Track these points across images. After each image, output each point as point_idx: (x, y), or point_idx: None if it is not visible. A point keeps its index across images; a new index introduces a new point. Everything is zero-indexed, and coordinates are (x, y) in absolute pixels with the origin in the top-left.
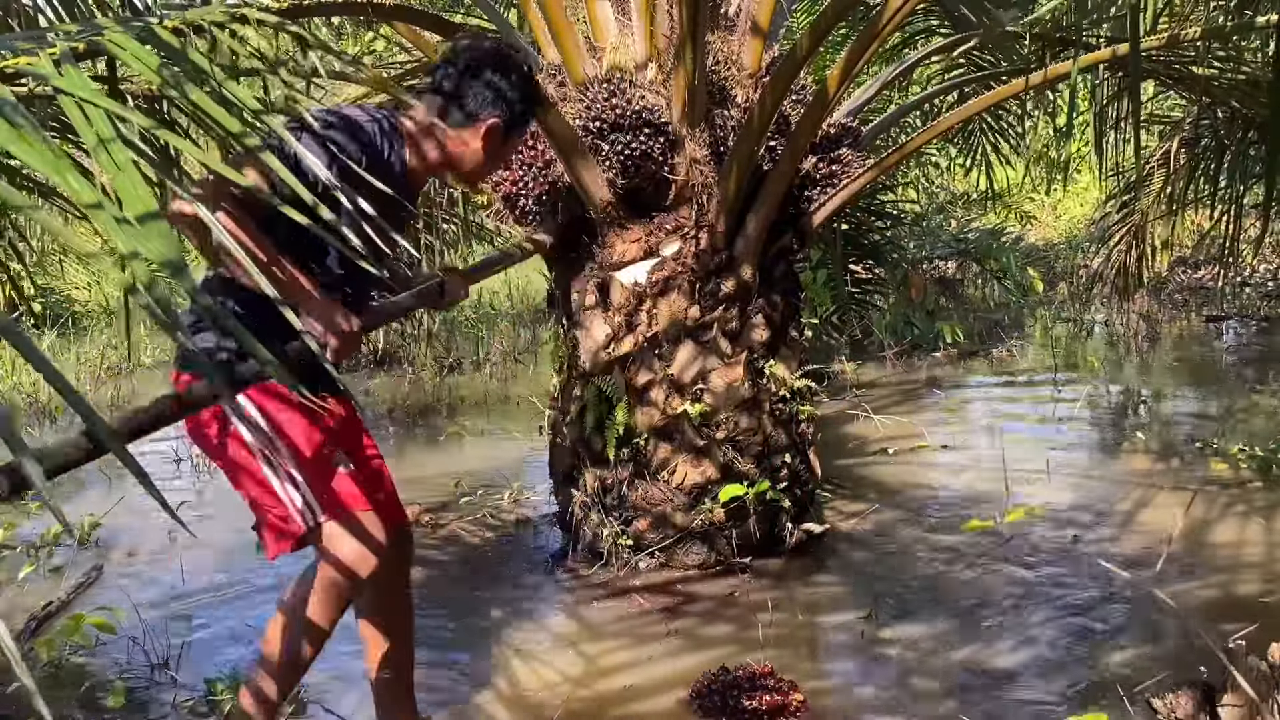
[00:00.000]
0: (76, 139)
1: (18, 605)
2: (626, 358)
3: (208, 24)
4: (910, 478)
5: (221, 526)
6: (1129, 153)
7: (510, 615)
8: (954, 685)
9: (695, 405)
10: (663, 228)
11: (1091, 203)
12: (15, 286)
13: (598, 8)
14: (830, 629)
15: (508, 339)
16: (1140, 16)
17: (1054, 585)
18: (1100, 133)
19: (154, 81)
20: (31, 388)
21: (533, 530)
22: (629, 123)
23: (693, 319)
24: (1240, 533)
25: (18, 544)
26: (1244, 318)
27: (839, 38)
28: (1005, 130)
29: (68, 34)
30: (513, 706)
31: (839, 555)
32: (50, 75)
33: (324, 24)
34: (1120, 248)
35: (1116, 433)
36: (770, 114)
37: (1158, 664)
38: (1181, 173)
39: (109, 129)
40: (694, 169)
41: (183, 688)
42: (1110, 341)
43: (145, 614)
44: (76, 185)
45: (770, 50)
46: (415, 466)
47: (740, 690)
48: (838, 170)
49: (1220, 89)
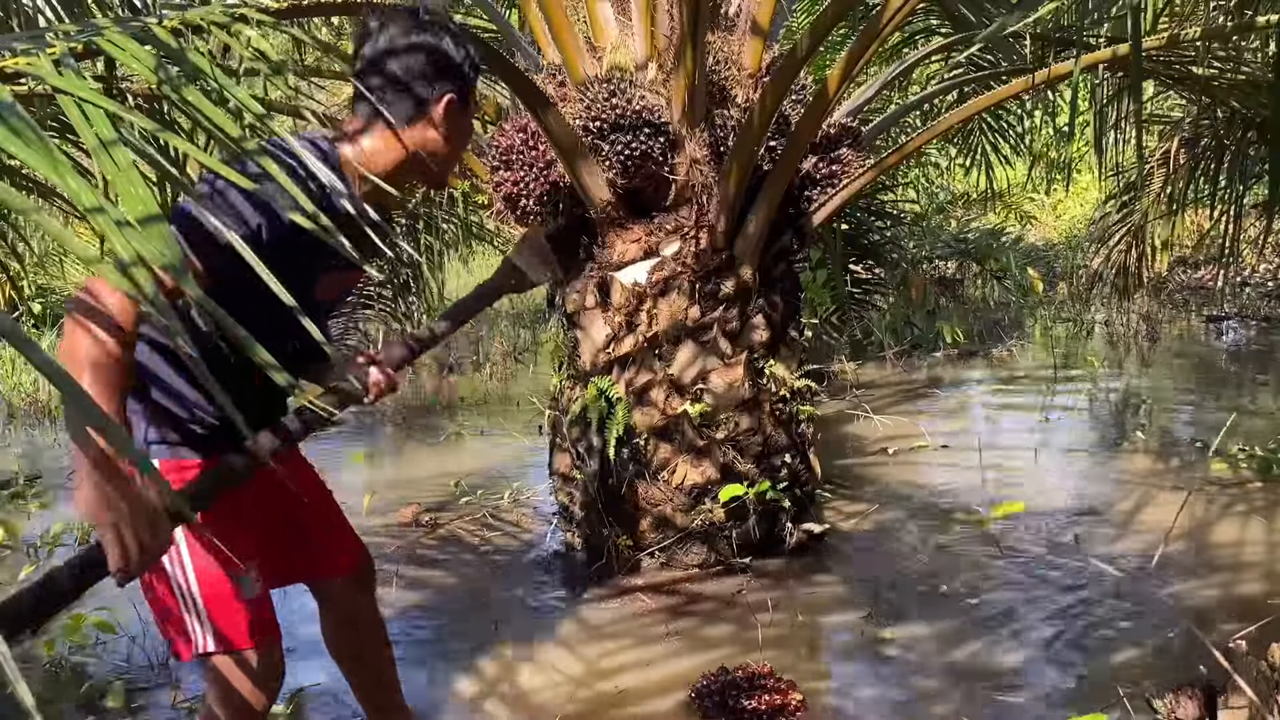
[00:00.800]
0: (76, 139)
1: None
2: (626, 358)
3: (207, 24)
4: (910, 478)
5: None
6: (1129, 153)
7: (510, 615)
8: (954, 685)
9: (695, 405)
10: (663, 228)
11: (1091, 203)
12: (15, 286)
13: (598, 8)
14: (830, 629)
15: (508, 339)
16: (1140, 16)
17: (1054, 585)
18: (1100, 133)
19: (152, 82)
20: (32, 387)
21: (532, 530)
22: (629, 123)
23: (693, 319)
24: (1240, 533)
25: (18, 544)
26: (1244, 318)
27: (839, 38)
28: (1005, 130)
29: (67, 34)
30: (513, 707)
31: (839, 555)
32: (50, 76)
33: (324, 24)
34: (1120, 248)
35: (1116, 432)
36: (770, 114)
37: (1158, 664)
38: (1181, 173)
39: (109, 130)
40: (694, 169)
41: (183, 688)
42: (1110, 341)
43: (145, 614)
44: (76, 187)
45: (770, 50)
46: (415, 466)
47: (740, 690)
48: (838, 170)
49: (1220, 89)
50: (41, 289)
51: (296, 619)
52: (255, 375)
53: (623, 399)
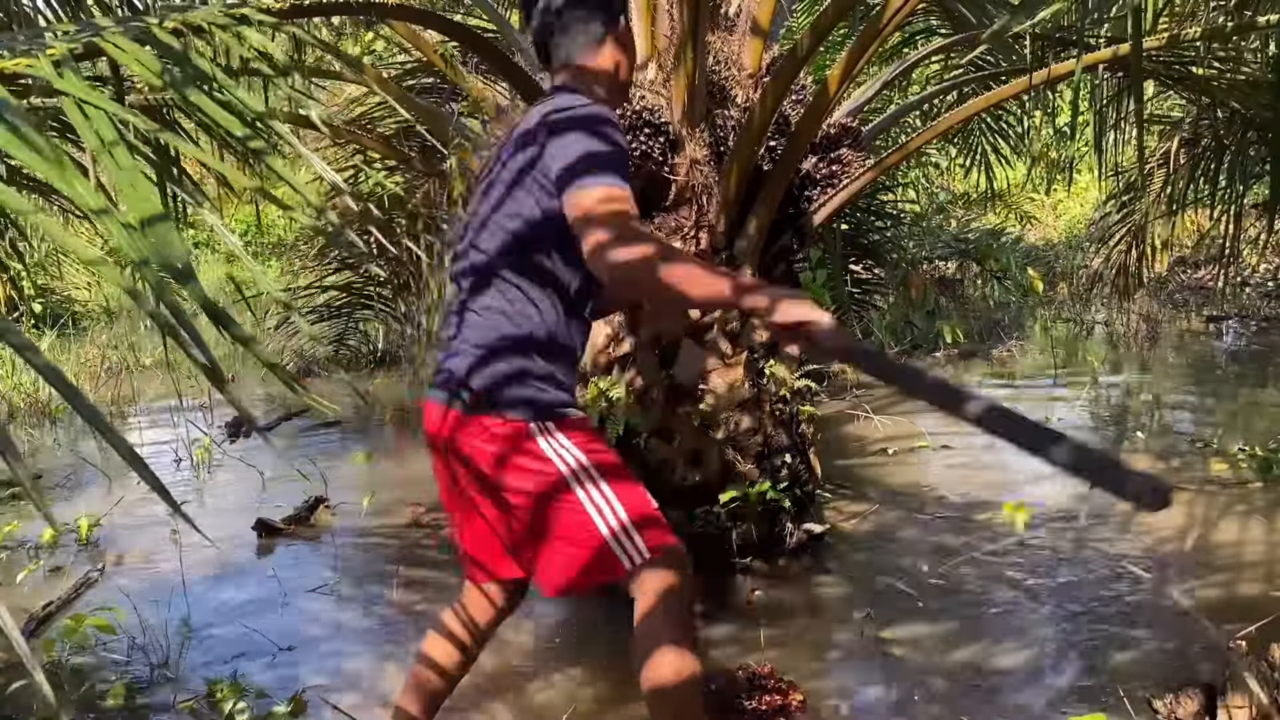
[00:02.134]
0: (77, 138)
1: (18, 605)
2: (627, 358)
3: (207, 25)
4: (910, 478)
5: (222, 526)
6: (1129, 153)
7: (510, 616)
8: (954, 685)
9: (695, 406)
10: (663, 228)
11: (1091, 203)
12: (15, 286)
13: None
14: (831, 629)
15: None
16: (1140, 16)
17: (1054, 585)
18: (1100, 133)
19: (154, 83)
20: (32, 387)
21: None
22: (629, 123)
23: (693, 319)
24: (1240, 533)
25: (18, 544)
26: (1244, 318)
27: (839, 38)
28: (1005, 130)
29: (67, 34)
30: (514, 707)
31: (839, 555)
32: (50, 77)
33: (324, 24)
34: (1120, 248)
35: (1116, 432)
36: (770, 114)
37: (1158, 664)
38: (1181, 173)
39: (110, 131)
40: (694, 169)
41: (183, 688)
42: (1110, 341)
43: (145, 614)
44: (81, 190)
45: (770, 50)
46: (415, 466)
47: (741, 691)
48: (838, 170)
49: (1220, 89)
50: (42, 289)
51: (298, 620)
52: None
53: (623, 399)
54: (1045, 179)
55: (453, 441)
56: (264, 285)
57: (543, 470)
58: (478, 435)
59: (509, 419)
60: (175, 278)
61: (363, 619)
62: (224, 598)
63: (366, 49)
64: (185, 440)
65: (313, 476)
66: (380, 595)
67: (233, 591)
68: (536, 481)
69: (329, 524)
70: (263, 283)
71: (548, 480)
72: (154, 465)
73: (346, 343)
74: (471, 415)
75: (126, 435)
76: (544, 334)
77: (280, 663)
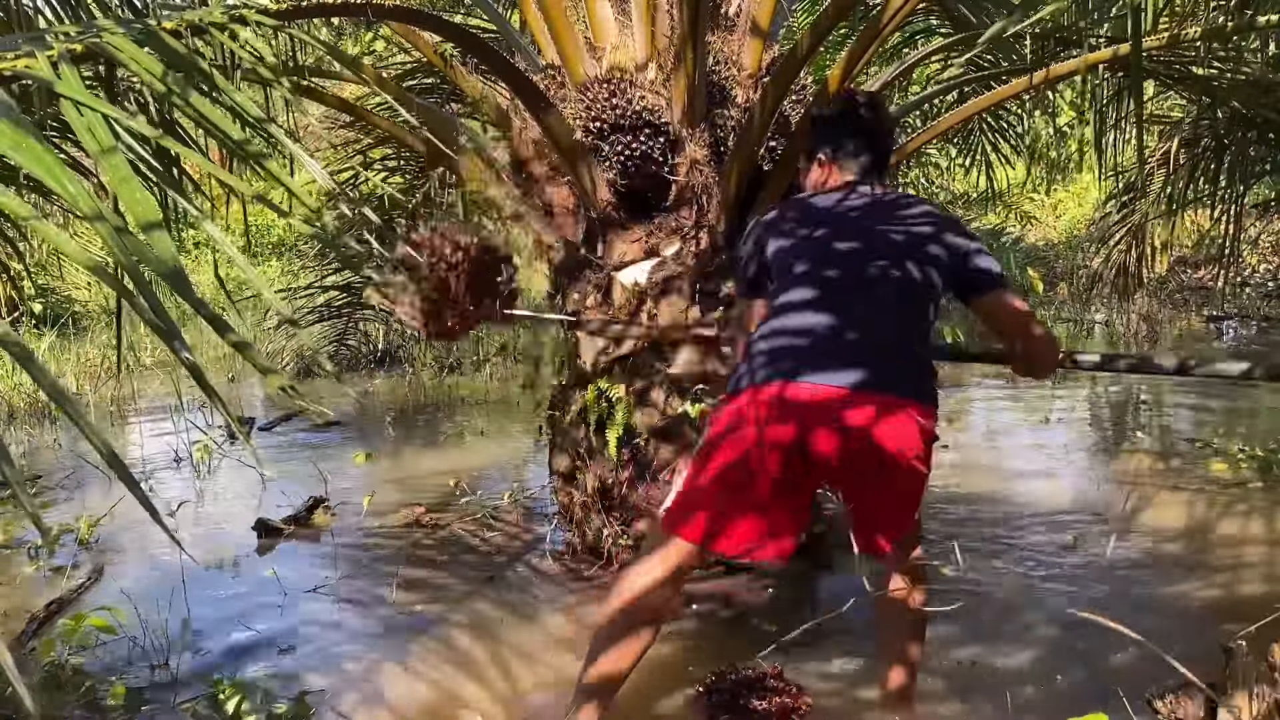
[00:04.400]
0: (76, 139)
1: (18, 605)
2: (627, 358)
3: (207, 25)
4: None
5: (222, 526)
6: (1129, 153)
7: (511, 616)
8: (955, 685)
9: (695, 406)
10: (663, 228)
11: (1091, 203)
12: (15, 286)
13: (598, 8)
14: (832, 629)
15: (508, 339)
16: (1140, 16)
17: (1055, 585)
18: (1100, 133)
19: (156, 87)
20: (32, 388)
21: (533, 531)
22: (629, 123)
23: (693, 319)
24: (1240, 533)
25: (17, 544)
26: (1244, 318)
27: (839, 38)
28: (1005, 130)
29: (67, 35)
30: (516, 707)
31: (840, 555)
32: (49, 78)
33: (324, 24)
34: (1120, 248)
35: (1116, 433)
36: (770, 114)
37: (1159, 664)
38: (1181, 173)
39: (107, 134)
40: (694, 169)
41: (183, 688)
42: (1110, 341)
43: (145, 614)
44: (74, 191)
45: (770, 50)
46: (415, 466)
47: (749, 691)
48: None
49: (1220, 89)
50: (42, 289)
51: (298, 620)
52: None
53: (623, 399)
54: (1045, 179)
55: (866, 428)
56: (267, 296)
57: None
58: (914, 420)
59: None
60: (167, 280)
61: (362, 619)
62: (224, 598)
63: (366, 49)
64: (185, 440)
65: (313, 477)
66: (380, 595)
67: (233, 591)
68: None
69: (329, 524)
70: (266, 294)
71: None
72: (154, 465)
73: (347, 343)
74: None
75: (127, 435)
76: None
77: (280, 663)
